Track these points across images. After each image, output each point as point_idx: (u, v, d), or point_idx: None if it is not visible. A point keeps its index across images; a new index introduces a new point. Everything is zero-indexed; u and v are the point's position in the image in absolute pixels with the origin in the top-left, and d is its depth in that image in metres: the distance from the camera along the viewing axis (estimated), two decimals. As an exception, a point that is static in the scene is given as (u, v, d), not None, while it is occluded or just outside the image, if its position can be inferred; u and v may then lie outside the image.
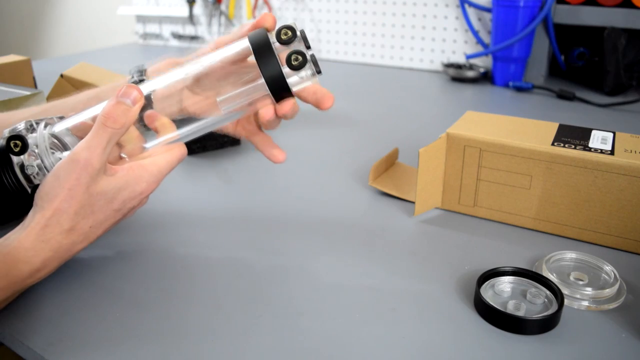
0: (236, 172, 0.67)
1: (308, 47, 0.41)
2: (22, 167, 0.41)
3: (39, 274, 0.40)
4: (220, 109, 0.43)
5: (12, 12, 2.40)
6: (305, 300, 0.42)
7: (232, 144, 0.75)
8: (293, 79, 0.41)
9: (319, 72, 0.41)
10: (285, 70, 0.40)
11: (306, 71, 0.41)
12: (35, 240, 0.39)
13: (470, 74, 1.12)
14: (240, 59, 0.45)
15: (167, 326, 0.39)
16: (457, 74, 1.13)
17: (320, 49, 1.40)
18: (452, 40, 1.21)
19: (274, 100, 0.42)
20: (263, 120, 0.43)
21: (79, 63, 0.85)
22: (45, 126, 0.43)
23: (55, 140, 0.43)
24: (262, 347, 0.37)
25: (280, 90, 0.41)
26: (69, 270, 0.45)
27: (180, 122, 0.45)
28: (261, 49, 0.40)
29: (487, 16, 1.14)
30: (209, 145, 0.73)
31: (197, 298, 0.42)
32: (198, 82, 0.46)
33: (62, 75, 0.78)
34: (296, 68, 0.40)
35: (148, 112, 0.44)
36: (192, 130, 0.45)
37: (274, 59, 0.40)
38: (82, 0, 2.12)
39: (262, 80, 0.41)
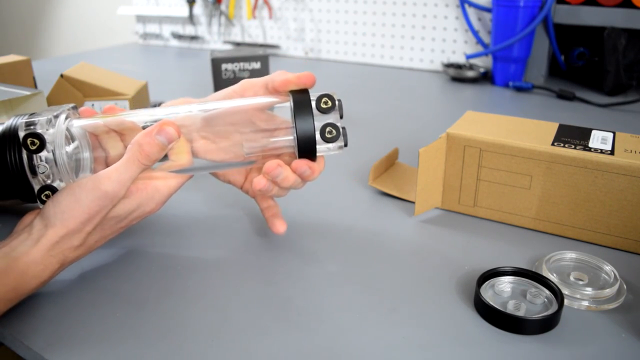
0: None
1: (341, 117, 0.43)
2: (29, 155, 0.41)
3: (44, 284, 0.40)
4: (244, 153, 0.44)
5: (12, 12, 2.39)
6: (305, 300, 0.42)
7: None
8: (321, 147, 0.43)
9: (346, 144, 0.43)
10: (317, 138, 0.42)
11: (335, 144, 0.43)
12: (45, 255, 0.39)
13: (470, 74, 1.12)
14: (264, 108, 0.45)
15: (167, 326, 0.39)
16: (457, 74, 1.13)
17: (320, 49, 1.40)
18: (452, 40, 1.21)
19: (297, 158, 0.43)
20: (256, 186, 0.44)
21: (79, 63, 0.85)
22: (66, 119, 0.43)
23: (66, 132, 0.43)
24: (262, 347, 0.37)
25: (306, 153, 0.43)
26: (68, 271, 0.45)
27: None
28: (301, 110, 0.42)
29: (487, 16, 1.14)
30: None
31: (197, 298, 0.42)
32: (209, 124, 0.45)
33: (62, 75, 0.78)
34: (328, 141, 0.42)
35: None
36: (204, 167, 0.46)
37: (311, 125, 0.42)
38: (82, 0, 2.12)
39: (291, 137, 0.43)
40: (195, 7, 1.54)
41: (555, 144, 0.49)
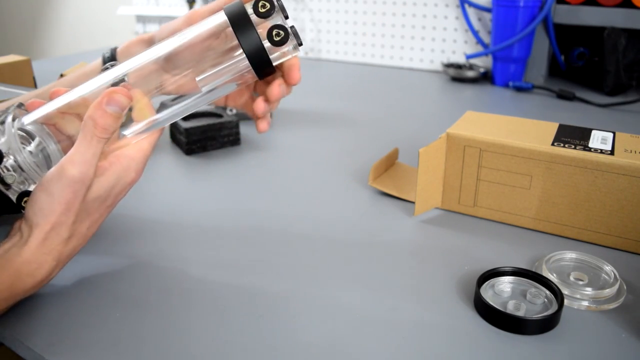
0: (236, 172, 0.67)
1: (286, 17, 0.40)
2: None
3: (43, 283, 0.40)
4: (200, 88, 0.41)
5: (12, 12, 2.40)
6: (305, 300, 0.42)
7: (232, 144, 0.75)
8: (275, 54, 0.40)
9: (300, 44, 0.40)
10: (267, 45, 0.39)
11: (288, 46, 0.40)
12: (37, 254, 0.38)
13: (470, 74, 1.12)
14: (217, 33, 0.43)
15: (167, 327, 0.39)
16: (457, 74, 1.13)
17: (320, 49, 1.40)
18: (452, 40, 1.21)
19: (257, 77, 0.41)
20: (258, 112, 0.46)
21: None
22: (13, 120, 0.41)
23: (22, 133, 0.42)
24: (262, 347, 0.37)
25: (262, 66, 0.40)
26: (69, 272, 0.45)
27: (161, 106, 0.44)
28: (240, 23, 0.38)
29: (487, 16, 1.14)
30: (209, 145, 0.73)
31: (197, 299, 0.42)
32: (171, 61, 0.44)
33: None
34: (278, 44, 0.39)
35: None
36: (174, 113, 0.43)
37: (254, 34, 0.38)
38: (82, 0, 2.12)
39: (242, 56, 0.40)
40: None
41: (555, 144, 0.49)
